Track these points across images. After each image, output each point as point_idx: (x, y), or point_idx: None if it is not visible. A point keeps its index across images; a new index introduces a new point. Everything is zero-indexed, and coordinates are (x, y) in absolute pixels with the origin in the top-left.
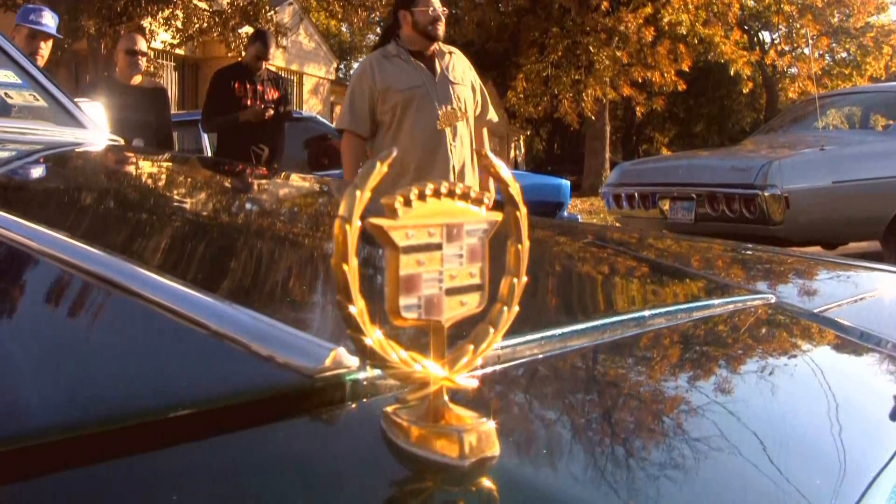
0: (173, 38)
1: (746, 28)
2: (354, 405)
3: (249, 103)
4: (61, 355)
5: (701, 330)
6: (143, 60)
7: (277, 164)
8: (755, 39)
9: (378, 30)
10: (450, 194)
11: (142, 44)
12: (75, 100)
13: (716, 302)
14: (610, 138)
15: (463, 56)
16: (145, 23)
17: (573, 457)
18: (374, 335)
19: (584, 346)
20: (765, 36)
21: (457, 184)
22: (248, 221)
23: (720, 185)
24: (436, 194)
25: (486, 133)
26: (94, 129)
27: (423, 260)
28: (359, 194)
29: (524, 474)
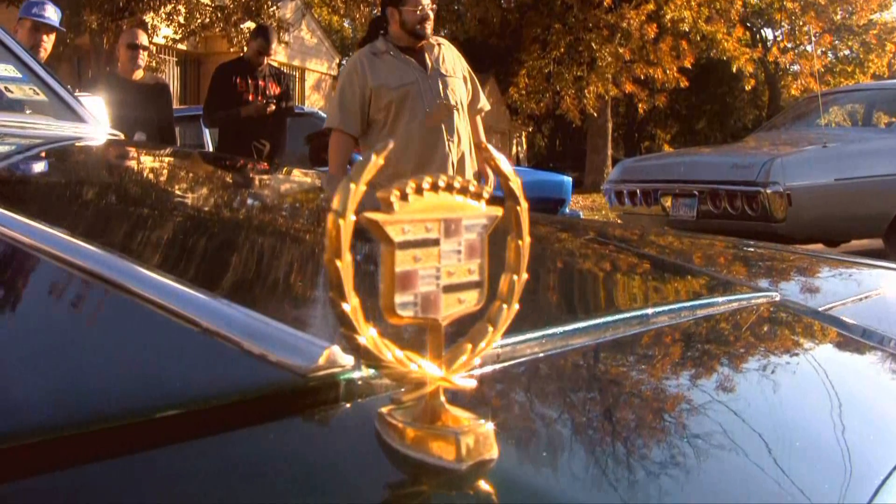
0: (175, 33)
1: (749, 25)
2: (348, 405)
3: (251, 99)
4: (49, 352)
5: (704, 328)
6: (145, 55)
7: (279, 160)
8: (758, 36)
9: None
10: (448, 188)
11: (143, 38)
12: (76, 94)
13: (719, 300)
14: (612, 135)
15: (452, 46)
16: (147, 18)
17: (574, 460)
18: (368, 333)
19: (585, 344)
20: (767, 33)
21: (455, 177)
22: (246, 217)
23: (722, 182)
24: (433, 188)
25: (481, 122)
26: (94, 123)
27: (420, 256)
28: (353, 187)
29: (523, 478)
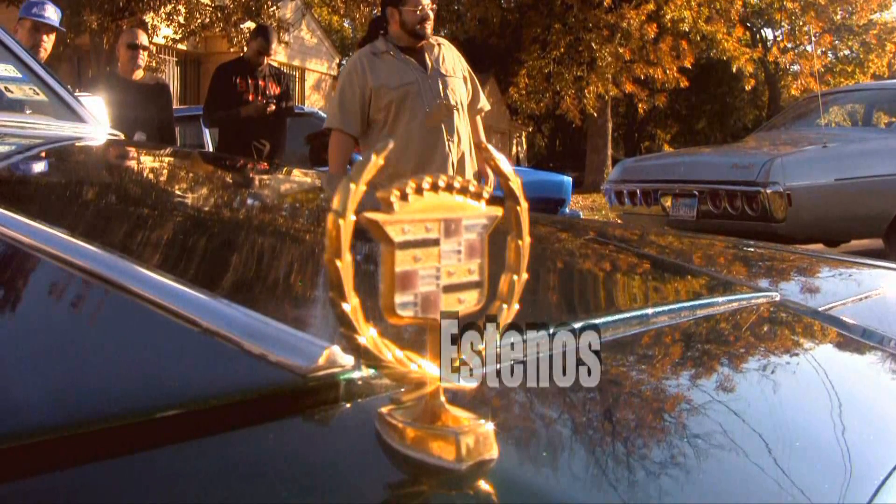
0: (175, 33)
1: (749, 25)
2: (348, 405)
3: (251, 98)
4: (49, 352)
5: (704, 328)
6: (145, 55)
7: (279, 160)
8: (758, 36)
9: None
10: (448, 188)
11: (143, 38)
12: (76, 94)
13: (719, 300)
14: (612, 135)
15: (452, 46)
16: (147, 18)
17: (574, 460)
18: (368, 333)
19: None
20: (767, 33)
21: (455, 177)
22: (245, 217)
23: (722, 182)
24: (433, 188)
25: (481, 122)
26: (94, 123)
27: (420, 256)
28: (353, 187)
29: (523, 478)
